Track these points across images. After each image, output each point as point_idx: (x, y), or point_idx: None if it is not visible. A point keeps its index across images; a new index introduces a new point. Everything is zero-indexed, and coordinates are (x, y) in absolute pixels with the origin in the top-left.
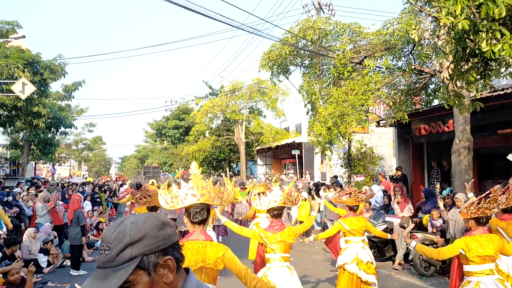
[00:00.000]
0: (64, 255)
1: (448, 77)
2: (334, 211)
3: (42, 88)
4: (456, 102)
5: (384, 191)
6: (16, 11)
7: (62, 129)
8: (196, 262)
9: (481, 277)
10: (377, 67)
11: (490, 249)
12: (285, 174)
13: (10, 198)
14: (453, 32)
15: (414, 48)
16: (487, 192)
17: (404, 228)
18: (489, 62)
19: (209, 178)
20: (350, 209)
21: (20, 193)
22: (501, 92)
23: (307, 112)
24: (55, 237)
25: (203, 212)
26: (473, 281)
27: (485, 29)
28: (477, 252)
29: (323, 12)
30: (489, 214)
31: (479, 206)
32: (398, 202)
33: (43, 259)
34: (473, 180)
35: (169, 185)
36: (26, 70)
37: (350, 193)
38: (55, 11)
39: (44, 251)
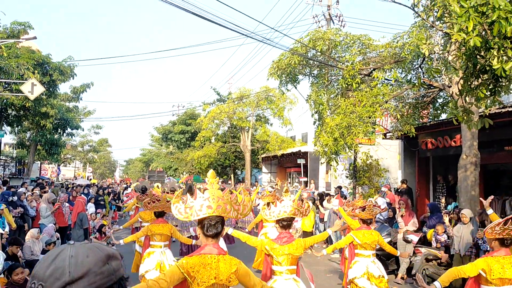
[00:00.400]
0: None
1: (458, 93)
2: (347, 220)
3: (50, 89)
4: (465, 118)
5: (389, 204)
6: (28, 12)
7: (69, 130)
8: (209, 278)
9: None
10: (386, 79)
11: (511, 272)
12: (290, 183)
13: (15, 198)
14: (464, 48)
15: (424, 62)
16: None
17: (408, 242)
18: (500, 79)
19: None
20: (363, 222)
21: (24, 193)
22: (510, 109)
23: (314, 122)
24: (58, 239)
25: (218, 225)
26: None
27: (496, 47)
28: (498, 274)
29: (333, 23)
30: None
31: (505, 227)
32: (402, 216)
33: None
34: (492, 197)
35: (189, 191)
36: (35, 71)
37: (365, 207)
38: (67, 13)
39: (46, 253)
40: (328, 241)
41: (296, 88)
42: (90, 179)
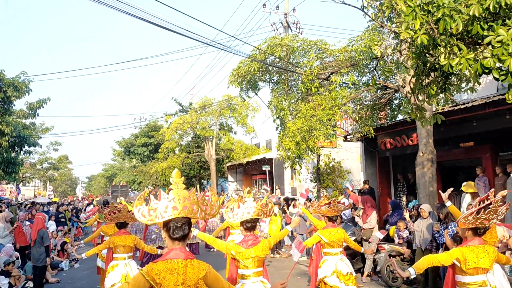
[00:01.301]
0: (27, 277)
1: (410, 91)
2: (313, 220)
3: (5, 106)
4: (418, 115)
5: (353, 205)
6: None
7: (26, 148)
8: (176, 284)
9: None
10: (343, 83)
11: (485, 261)
12: (257, 190)
13: None
14: (413, 47)
15: (378, 64)
16: (487, 202)
17: (365, 240)
18: (449, 76)
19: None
20: (329, 220)
21: None
22: (462, 106)
23: (277, 128)
24: (17, 258)
25: (185, 227)
26: None
27: (443, 44)
28: (473, 263)
29: (291, 30)
30: (487, 225)
31: (477, 216)
32: (358, 216)
33: (4, 281)
34: (451, 189)
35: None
36: None
37: (330, 203)
38: (16, 29)
39: (5, 273)
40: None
41: (257, 94)
42: (51, 198)
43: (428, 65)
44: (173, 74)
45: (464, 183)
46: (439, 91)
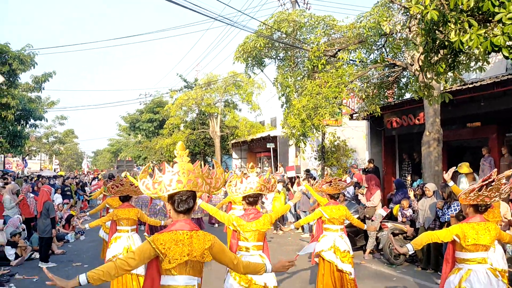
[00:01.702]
0: (33, 248)
1: (418, 69)
2: (316, 196)
3: (10, 79)
4: (426, 93)
5: (357, 183)
6: None
7: (32, 121)
8: (181, 255)
9: (473, 265)
10: (351, 60)
11: (486, 238)
12: (259, 168)
13: None
14: (423, 23)
15: (386, 41)
16: (489, 180)
17: (367, 218)
18: (458, 54)
19: None
20: (331, 198)
21: None
22: (470, 86)
23: (282, 105)
24: (23, 230)
25: (189, 200)
26: (464, 269)
27: (453, 20)
28: (473, 240)
29: (298, 5)
30: (488, 203)
31: (479, 193)
32: (362, 194)
33: (10, 252)
34: (453, 168)
35: (151, 172)
36: None
37: (331, 182)
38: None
39: (12, 244)
40: (301, 229)
41: (262, 71)
42: (57, 172)
43: (437, 42)
44: (178, 49)
45: (459, 164)
46: (448, 69)
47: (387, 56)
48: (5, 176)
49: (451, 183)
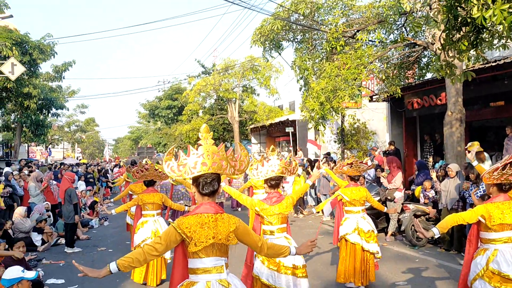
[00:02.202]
0: (59, 234)
1: (440, 47)
2: (336, 179)
3: (31, 68)
4: (448, 72)
5: (378, 165)
6: None
7: (54, 110)
8: (207, 238)
9: (499, 245)
10: (370, 40)
11: (511, 217)
12: (279, 152)
13: (3, 178)
14: (444, 0)
15: (407, 20)
16: None
17: (389, 200)
18: (481, 31)
19: None
20: (351, 179)
21: (12, 173)
22: (494, 64)
23: (300, 88)
24: (49, 217)
25: (214, 183)
26: (490, 249)
27: None
28: (498, 220)
29: None
30: None
31: (503, 172)
32: (384, 176)
33: (37, 238)
34: (476, 146)
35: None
36: (14, 48)
37: (352, 164)
38: None
39: (38, 230)
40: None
41: (280, 55)
42: (80, 159)
43: (459, 19)
44: (196, 35)
45: (470, 143)
46: (470, 47)
47: (407, 35)
48: (30, 165)
49: (475, 163)
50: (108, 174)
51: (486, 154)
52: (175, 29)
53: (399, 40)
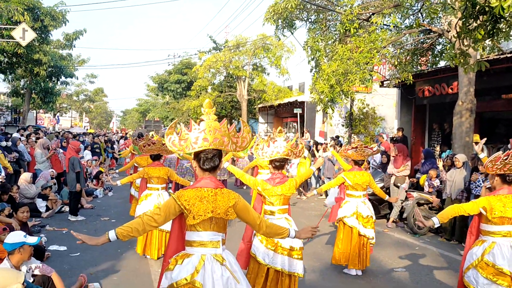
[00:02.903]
0: (63, 201)
1: (456, 35)
2: (341, 163)
3: (42, 35)
4: (462, 61)
5: (384, 152)
6: None
7: (63, 78)
8: (205, 211)
9: (497, 238)
10: (385, 24)
11: None
12: (286, 133)
13: (10, 143)
14: None
15: (423, 5)
16: None
17: (398, 187)
18: (499, 20)
19: None
20: (355, 163)
21: (20, 139)
22: (509, 55)
23: (311, 69)
24: (54, 184)
25: (215, 159)
26: (488, 241)
27: None
28: (500, 213)
29: None
30: None
31: (505, 161)
32: (394, 156)
33: (41, 204)
34: (484, 140)
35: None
36: (26, 13)
37: (357, 147)
38: None
39: (43, 197)
40: (324, 195)
41: (293, 34)
42: (87, 129)
43: (477, 7)
44: (209, 10)
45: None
46: (486, 36)
47: (422, 21)
48: (37, 132)
49: (482, 155)
50: (114, 145)
51: (484, 146)
52: (188, 2)
53: (414, 25)
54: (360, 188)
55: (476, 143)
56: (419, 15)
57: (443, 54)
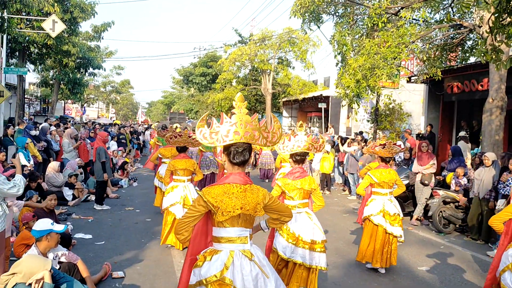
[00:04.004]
0: (89, 190)
1: (488, 30)
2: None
3: (72, 26)
4: (494, 57)
5: (410, 149)
6: None
7: (91, 70)
8: (234, 208)
9: None
10: (414, 19)
11: None
12: (309, 127)
13: (37, 132)
14: None
15: (455, 0)
16: None
17: (425, 185)
18: None
19: None
20: (382, 160)
21: (49, 128)
22: None
23: (337, 64)
24: (80, 173)
25: (245, 153)
26: None
27: None
28: None
29: None
30: None
31: None
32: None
33: (68, 193)
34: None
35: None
36: (56, 5)
37: (385, 144)
38: None
39: (70, 185)
40: (346, 184)
41: (319, 28)
42: (114, 120)
43: (511, 2)
44: (235, 3)
45: None
46: None
47: (453, 15)
48: (65, 121)
49: None
50: (140, 136)
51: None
52: None
53: (444, 20)
54: (387, 186)
55: None
56: (450, 9)
57: (474, 50)
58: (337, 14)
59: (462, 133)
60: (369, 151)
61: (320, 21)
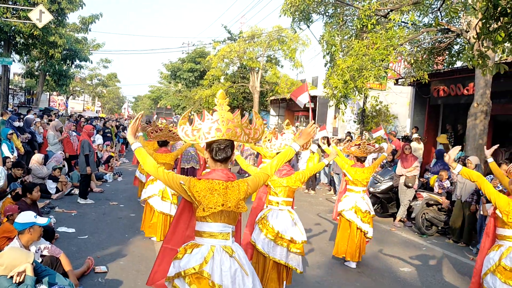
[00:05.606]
0: (73, 184)
1: (475, 36)
2: (341, 157)
3: (59, 17)
4: (480, 62)
5: (395, 150)
6: None
7: (78, 62)
8: (216, 204)
9: None
10: (403, 22)
11: None
12: (296, 127)
13: (22, 123)
14: None
15: (443, 4)
16: None
17: (409, 187)
18: None
19: None
20: (357, 160)
21: (33, 120)
22: None
23: (325, 64)
24: (63, 166)
25: (228, 150)
26: (504, 246)
27: None
28: None
29: None
30: None
31: None
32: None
33: (51, 185)
34: (496, 146)
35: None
36: None
37: (359, 144)
38: None
39: (53, 178)
40: (331, 184)
41: (309, 27)
42: (99, 113)
43: (499, 8)
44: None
45: (440, 135)
46: (507, 38)
47: (441, 20)
48: (50, 114)
49: (490, 160)
50: (125, 131)
51: (450, 147)
52: None
53: (432, 24)
54: (360, 184)
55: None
56: (438, 13)
57: (461, 55)
58: (327, 14)
59: (415, 135)
60: (345, 151)
61: (310, 20)
